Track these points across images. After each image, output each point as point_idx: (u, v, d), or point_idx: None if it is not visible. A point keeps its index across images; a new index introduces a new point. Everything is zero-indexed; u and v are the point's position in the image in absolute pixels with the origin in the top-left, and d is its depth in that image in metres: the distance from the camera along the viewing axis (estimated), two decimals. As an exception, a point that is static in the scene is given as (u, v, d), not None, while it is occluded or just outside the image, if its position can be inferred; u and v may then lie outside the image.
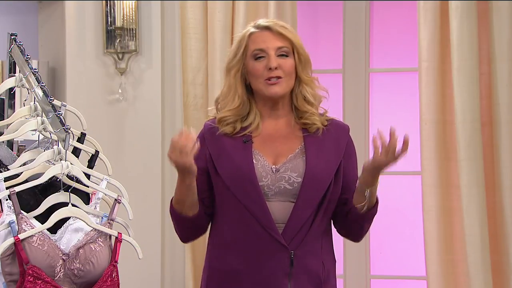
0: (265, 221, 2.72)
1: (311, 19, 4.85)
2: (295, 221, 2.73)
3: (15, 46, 2.76)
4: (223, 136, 2.81)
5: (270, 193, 2.75)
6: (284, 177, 2.76)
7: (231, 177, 2.76)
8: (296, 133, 2.83)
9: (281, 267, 2.73)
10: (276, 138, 2.83)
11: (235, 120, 2.81)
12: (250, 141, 2.79)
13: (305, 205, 2.74)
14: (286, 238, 2.73)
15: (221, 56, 4.49)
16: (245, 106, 2.82)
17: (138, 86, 4.61)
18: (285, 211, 2.75)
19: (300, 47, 2.81)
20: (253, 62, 2.80)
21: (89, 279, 2.52)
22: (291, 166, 2.77)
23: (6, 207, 2.49)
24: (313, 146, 2.79)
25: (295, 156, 2.79)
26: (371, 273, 4.62)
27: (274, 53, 2.78)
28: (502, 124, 4.26)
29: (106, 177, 2.70)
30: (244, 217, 2.74)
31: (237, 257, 2.75)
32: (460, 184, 4.27)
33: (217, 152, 2.79)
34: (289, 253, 2.73)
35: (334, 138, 2.84)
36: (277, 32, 2.80)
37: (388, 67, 4.74)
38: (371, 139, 2.75)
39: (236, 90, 2.81)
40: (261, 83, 2.79)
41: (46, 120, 2.63)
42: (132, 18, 4.53)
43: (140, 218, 3.16)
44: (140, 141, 4.59)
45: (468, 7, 4.26)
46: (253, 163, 2.76)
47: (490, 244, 4.26)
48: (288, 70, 2.79)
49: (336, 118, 2.90)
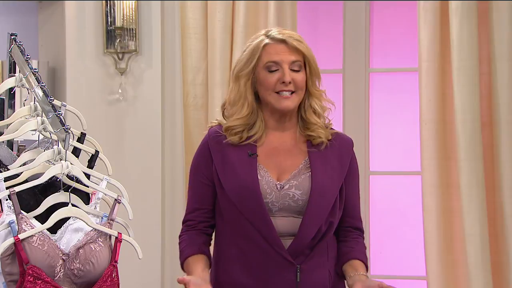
0: (271, 237, 2.72)
1: (311, 19, 4.85)
2: (302, 239, 2.73)
3: (15, 46, 2.76)
4: (229, 146, 2.80)
5: (274, 209, 2.75)
6: (288, 194, 2.76)
7: (236, 192, 2.75)
8: (301, 147, 2.83)
9: (287, 282, 2.73)
10: (280, 151, 2.82)
11: (242, 129, 2.81)
12: (255, 154, 2.79)
13: (311, 222, 2.74)
14: (293, 254, 2.73)
15: (221, 56, 4.50)
16: (254, 115, 2.82)
17: (138, 86, 4.61)
18: (289, 225, 2.75)
19: (313, 61, 2.81)
20: (265, 73, 2.79)
21: (89, 279, 2.52)
22: (295, 184, 2.76)
23: (6, 207, 2.49)
24: (318, 161, 2.79)
25: (299, 172, 2.78)
26: (371, 273, 4.62)
27: (288, 67, 2.78)
28: (502, 124, 4.26)
29: (106, 177, 2.70)
30: (249, 232, 2.74)
31: (244, 272, 2.76)
32: (460, 184, 4.27)
33: (222, 165, 2.79)
34: (295, 268, 2.73)
35: (338, 153, 2.83)
36: (292, 46, 2.79)
37: (388, 67, 4.74)
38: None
39: (246, 98, 2.81)
40: (271, 95, 2.79)
41: (46, 120, 2.63)
42: (132, 18, 4.53)
43: (140, 218, 3.16)
44: (140, 141, 4.59)
45: (468, 7, 4.26)
46: (258, 179, 2.75)
47: (490, 244, 4.26)
48: (300, 85, 2.79)
49: (340, 132, 2.90)
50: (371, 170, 4.65)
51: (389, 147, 4.73)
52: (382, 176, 4.74)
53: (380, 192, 4.73)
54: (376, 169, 4.67)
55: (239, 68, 2.83)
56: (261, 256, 2.73)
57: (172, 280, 4.56)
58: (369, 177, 4.63)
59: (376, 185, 4.69)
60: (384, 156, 4.73)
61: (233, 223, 2.77)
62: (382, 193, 4.74)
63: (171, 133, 4.58)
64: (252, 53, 2.81)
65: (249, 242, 2.74)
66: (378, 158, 4.69)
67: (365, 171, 4.57)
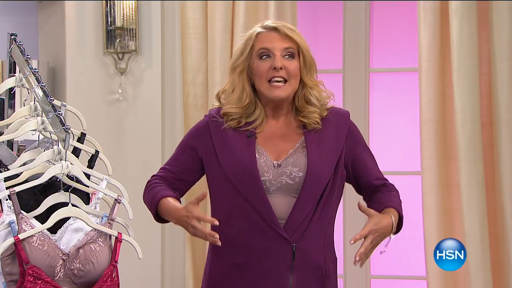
0: (267, 215, 2.74)
1: (311, 19, 4.85)
2: (297, 215, 2.75)
3: (15, 46, 2.76)
4: (227, 129, 2.83)
5: (271, 188, 2.77)
6: (285, 172, 2.77)
7: (234, 171, 2.78)
8: (296, 130, 2.85)
9: (283, 260, 2.74)
10: (277, 136, 2.84)
11: (240, 116, 2.84)
12: (254, 136, 2.81)
13: (306, 199, 2.76)
14: (288, 231, 2.74)
15: (221, 56, 4.50)
16: (252, 104, 2.84)
17: (138, 86, 4.61)
18: (287, 206, 2.76)
19: (306, 50, 2.82)
20: (258, 61, 2.81)
21: (89, 279, 2.52)
22: (292, 161, 2.78)
23: (6, 207, 2.49)
24: (313, 139, 2.81)
25: (295, 150, 2.80)
26: (371, 273, 4.62)
27: (280, 54, 2.79)
28: (502, 124, 4.26)
29: (106, 177, 2.70)
30: (246, 211, 2.76)
31: (239, 250, 2.77)
32: (460, 184, 4.28)
33: (221, 145, 2.82)
34: (291, 246, 2.74)
35: (334, 128, 2.85)
36: (284, 33, 2.81)
37: (388, 67, 4.74)
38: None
39: (244, 89, 2.83)
40: (264, 85, 2.81)
41: (46, 120, 2.63)
42: (132, 18, 4.53)
43: (140, 218, 3.16)
44: (140, 141, 4.59)
45: (468, 7, 4.26)
46: (256, 158, 2.78)
47: (490, 244, 4.26)
48: (292, 72, 2.80)
49: (336, 106, 2.91)
50: (371, 170, 4.64)
51: (389, 147, 4.73)
52: (382, 176, 4.73)
53: (380, 192, 4.71)
54: (376, 169, 4.66)
55: (234, 58, 2.87)
56: (258, 235, 2.74)
57: (172, 280, 4.56)
58: (369, 177, 4.63)
59: (376, 185, 4.68)
60: (384, 156, 4.72)
61: (230, 203, 2.79)
62: (382, 193, 4.73)
63: (171, 133, 4.58)
64: (246, 43, 2.85)
65: (246, 221, 2.76)
66: (378, 158, 4.67)
67: (365, 171, 4.57)
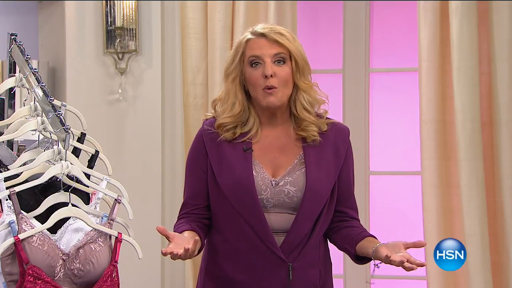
0: (264, 234, 2.71)
1: (311, 19, 4.85)
2: (295, 235, 2.73)
3: (15, 46, 2.75)
4: (223, 142, 2.79)
5: (269, 205, 2.74)
6: (283, 190, 2.74)
7: (231, 188, 2.74)
8: (295, 142, 2.81)
9: (279, 280, 2.73)
10: (275, 147, 2.80)
11: (234, 126, 2.79)
12: (250, 149, 2.77)
13: (304, 218, 2.73)
14: (285, 251, 2.72)
15: (221, 56, 4.50)
16: (245, 112, 2.80)
17: (138, 86, 4.61)
18: (283, 222, 2.74)
19: (297, 54, 2.77)
20: (250, 69, 2.77)
21: (89, 279, 2.52)
22: (290, 180, 2.75)
23: (6, 207, 2.49)
24: (312, 157, 2.77)
25: (293, 168, 2.77)
26: (371, 273, 4.62)
27: (270, 60, 2.75)
28: (502, 124, 4.26)
29: (106, 177, 2.69)
30: (242, 228, 2.73)
31: (235, 267, 2.75)
32: (460, 184, 4.28)
33: (217, 161, 2.78)
34: (288, 266, 2.73)
35: (334, 145, 2.81)
36: (272, 39, 2.75)
37: (388, 67, 4.74)
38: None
39: (236, 96, 2.79)
40: (258, 92, 2.76)
41: (46, 120, 2.63)
42: (132, 18, 4.53)
43: (140, 218, 3.16)
44: (140, 141, 4.59)
45: (468, 7, 4.26)
46: (253, 175, 2.74)
47: (490, 244, 4.26)
48: (283, 79, 2.75)
49: (336, 121, 2.87)
50: (371, 170, 4.65)
51: (389, 147, 4.73)
52: (382, 176, 4.74)
53: (380, 192, 4.73)
54: (376, 169, 4.67)
55: (227, 66, 2.82)
56: (254, 253, 2.72)
57: (172, 280, 4.56)
58: (369, 177, 4.63)
59: (376, 185, 4.69)
60: (384, 156, 4.73)
61: (227, 219, 2.76)
62: (382, 193, 4.74)
63: (171, 133, 4.58)
64: (236, 50, 2.80)
65: (242, 238, 2.73)
66: (378, 158, 4.70)
67: (365, 171, 4.58)
